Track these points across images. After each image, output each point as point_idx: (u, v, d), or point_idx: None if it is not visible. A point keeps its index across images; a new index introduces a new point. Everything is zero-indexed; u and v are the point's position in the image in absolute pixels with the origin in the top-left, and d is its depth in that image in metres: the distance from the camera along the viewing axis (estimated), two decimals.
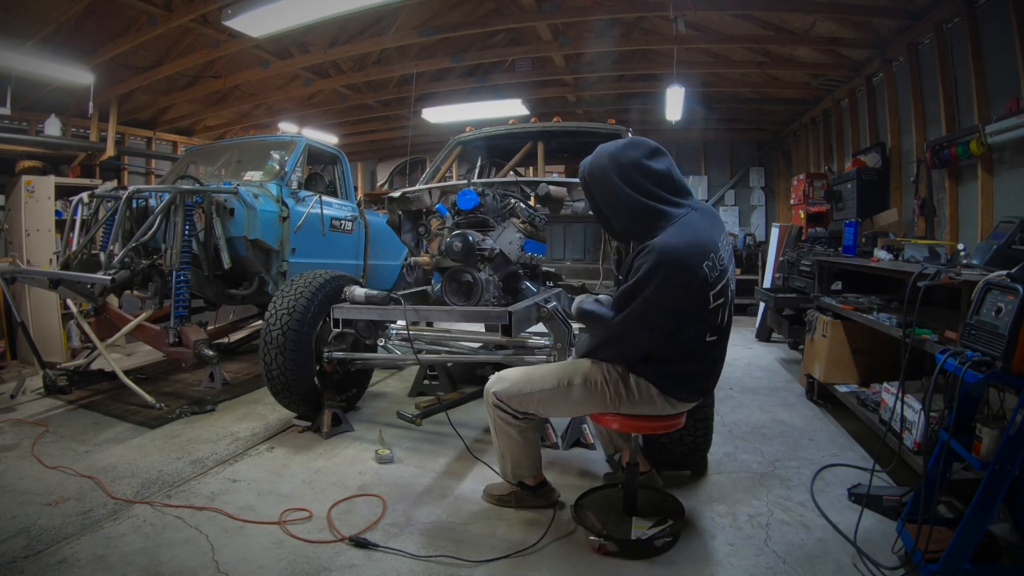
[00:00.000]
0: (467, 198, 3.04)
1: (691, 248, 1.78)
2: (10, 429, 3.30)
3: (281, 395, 3.22)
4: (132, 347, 5.42)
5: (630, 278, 1.84)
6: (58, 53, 4.71)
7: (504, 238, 3.11)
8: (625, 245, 2.64)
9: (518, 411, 2.14)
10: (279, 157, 4.56)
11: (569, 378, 2.05)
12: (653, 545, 2.06)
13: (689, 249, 1.78)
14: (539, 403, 2.11)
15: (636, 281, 1.80)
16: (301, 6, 3.86)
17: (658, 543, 2.07)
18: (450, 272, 3.02)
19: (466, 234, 2.89)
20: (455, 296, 2.85)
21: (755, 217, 9.00)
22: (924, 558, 1.77)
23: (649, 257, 1.77)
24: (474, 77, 6.97)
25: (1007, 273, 1.84)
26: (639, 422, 2.05)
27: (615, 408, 2.02)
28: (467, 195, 3.04)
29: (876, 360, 3.48)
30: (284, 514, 2.31)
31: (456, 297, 2.83)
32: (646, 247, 1.81)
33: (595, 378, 2.01)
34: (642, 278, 1.78)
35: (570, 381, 2.05)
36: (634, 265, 1.84)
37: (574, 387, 2.04)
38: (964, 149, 3.71)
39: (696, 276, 1.78)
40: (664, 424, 2.07)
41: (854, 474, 2.68)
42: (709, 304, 1.83)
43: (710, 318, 1.87)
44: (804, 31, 5.22)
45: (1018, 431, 1.61)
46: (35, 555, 2.00)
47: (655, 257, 1.75)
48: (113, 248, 3.69)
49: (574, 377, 2.05)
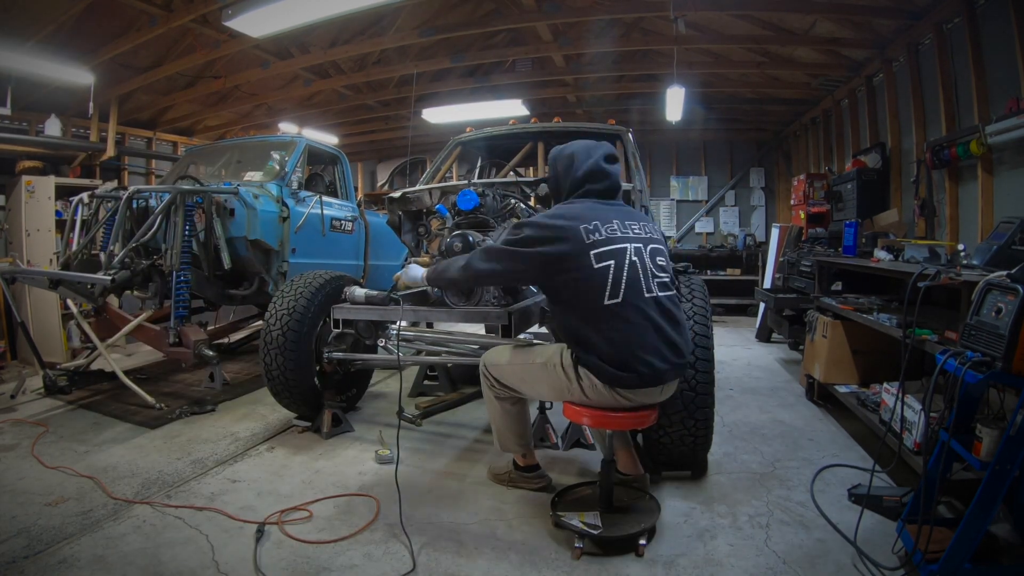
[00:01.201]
0: (467, 198, 3.04)
1: (566, 215, 2.07)
2: (10, 429, 3.31)
3: (281, 395, 3.22)
4: (132, 347, 5.42)
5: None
6: (58, 53, 4.71)
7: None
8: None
9: (498, 381, 2.35)
10: (279, 157, 4.56)
11: (536, 357, 2.24)
12: (635, 543, 2.07)
13: (563, 215, 2.07)
14: (511, 376, 2.31)
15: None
16: (301, 6, 3.86)
17: (640, 540, 2.07)
18: None
19: (466, 234, 2.89)
20: (455, 297, 2.85)
21: (755, 217, 9.00)
22: (924, 558, 1.77)
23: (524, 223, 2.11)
24: (474, 77, 6.97)
25: (1007, 273, 1.84)
26: (607, 417, 2.08)
27: (570, 397, 2.14)
28: (467, 195, 3.04)
29: (876, 360, 3.48)
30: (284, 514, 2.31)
31: (456, 298, 2.83)
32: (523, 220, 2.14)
33: (554, 360, 2.15)
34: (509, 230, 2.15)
35: (535, 360, 2.23)
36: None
37: (535, 365, 2.21)
38: (964, 149, 3.70)
39: (563, 230, 2.01)
40: (632, 419, 2.10)
41: (854, 474, 2.68)
42: (590, 260, 1.99)
43: (596, 277, 1.99)
44: (804, 31, 5.22)
45: (1018, 431, 1.61)
46: (35, 555, 2.00)
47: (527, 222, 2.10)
48: (113, 248, 3.69)
49: (539, 356, 2.23)
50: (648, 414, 2.12)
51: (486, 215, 3.08)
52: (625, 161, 3.96)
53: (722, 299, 7.84)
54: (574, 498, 2.36)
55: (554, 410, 3.23)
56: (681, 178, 9.19)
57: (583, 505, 2.28)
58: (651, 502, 2.31)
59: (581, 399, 2.11)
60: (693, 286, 2.72)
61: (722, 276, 8.23)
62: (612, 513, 2.19)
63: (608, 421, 2.10)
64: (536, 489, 2.53)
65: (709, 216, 9.16)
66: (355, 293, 3.01)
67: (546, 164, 2.90)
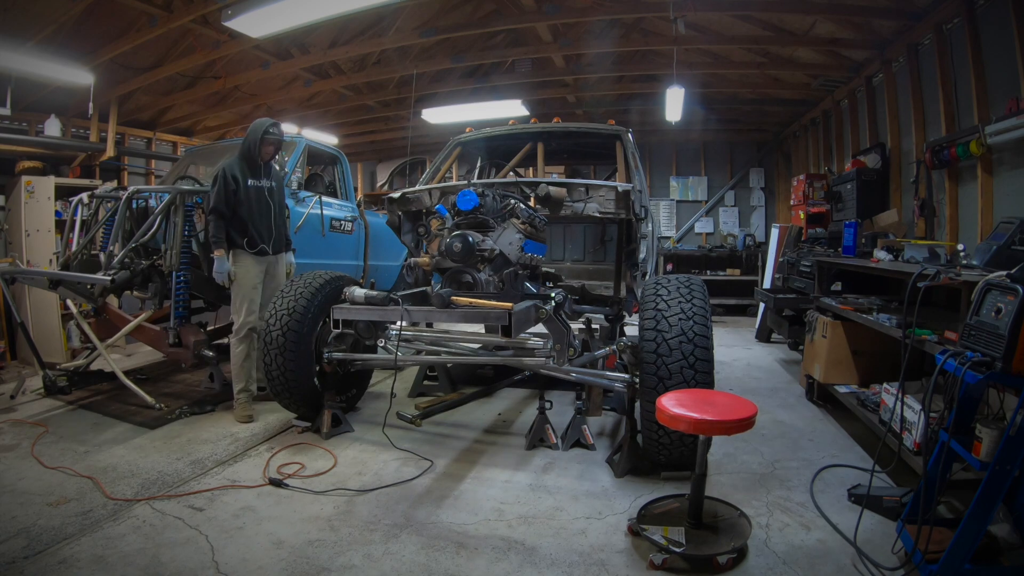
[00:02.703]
0: (467, 199, 3.04)
1: None
2: (10, 429, 3.30)
3: (281, 396, 3.22)
4: (132, 347, 5.42)
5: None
6: (58, 53, 4.71)
7: (504, 239, 3.12)
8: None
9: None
10: (279, 158, 4.55)
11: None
12: (717, 562, 1.95)
13: None
14: None
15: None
16: (301, 6, 3.86)
17: (722, 560, 1.95)
18: (450, 273, 3.02)
19: (466, 235, 2.89)
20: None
21: (755, 218, 9.00)
22: (924, 558, 1.77)
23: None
24: (474, 78, 6.97)
25: (1007, 274, 1.84)
26: (709, 424, 1.93)
27: None
28: (467, 196, 3.04)
29: (876, 361, 3.48)
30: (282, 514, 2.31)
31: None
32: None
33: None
34: None
35: None
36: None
37: None
38: (964, 150, 3.71)
39: None
40: (736, 425, 1.94)
41: (854, 475, 2.68)
42: None
43: None
44: (804, 32, 5.22)
45: (1018, 431, 1.61)
46: (35, 555, 2.00)
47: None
48: (113, 249, 3.69)
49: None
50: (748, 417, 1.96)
51: (486, 215, 3.08)
52: (625, 161, 3.97)
53: (722, 299, 7.85)
54: (661, 511, 2.26)
55: (554, 410, 3.23)
56: (681, 178, 9.19)
57: (669, 519, 2.17)
58: (742, 519, 2.19)
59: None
60: (693, 286, 2.72)
61: (722, 276, 8.23)
62: (700, 530, 2.09)
63: (710, 427, 1.94)
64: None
65: (709, 216, 9.16)
66: (355, 293, 3.01)
67: (546, 164, 2.85)
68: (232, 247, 3.43)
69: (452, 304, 2.70)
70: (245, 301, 3.46)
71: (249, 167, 3.47)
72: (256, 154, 3.44)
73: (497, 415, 3.64)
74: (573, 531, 2.22)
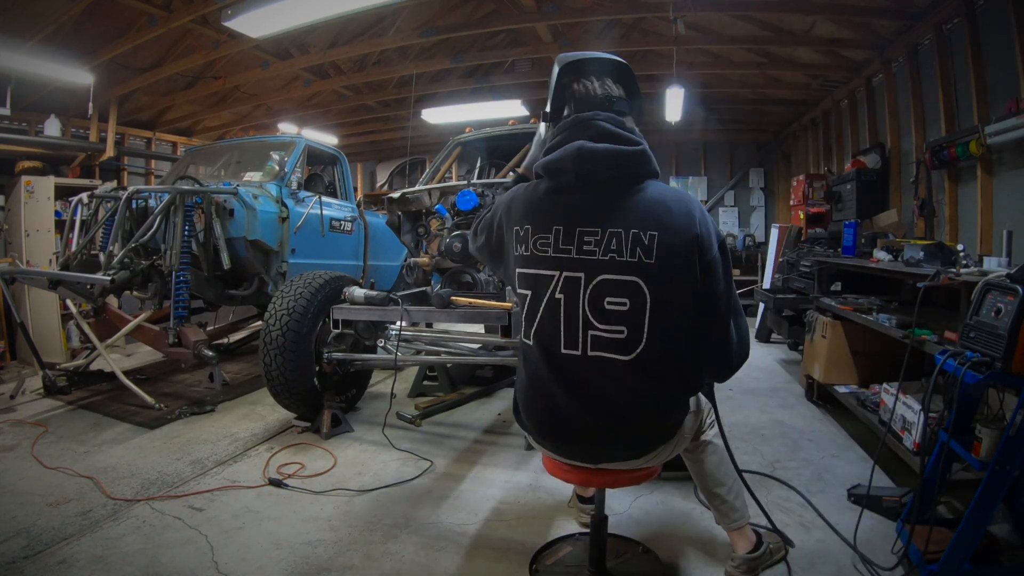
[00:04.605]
0: (467, 199, 3.04)
1: (504, 200, 1.63)
2: (10, 429, 3.30)
3: (281, 396, 3.22)
4: (132, 348, 5.42)
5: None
6: (58, 54, 4.71)
7: None
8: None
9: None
10: (279, 158, 4.56)
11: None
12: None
13: (504, 200, 1.63)
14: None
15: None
16: (301, 7, 3.86)
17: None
18: (450, 273, 3.02)
19: (465, 235, 2.90)
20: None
21: (755, 218, 9.00)
22: (924, 559, 1.77)
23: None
24: (474, 78, 6.97)
25: (1007, 273, 1.84)
26: (564, 471, 1.65)
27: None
28: (467, 196, 3.04)
29: (876, 361, 3.48)
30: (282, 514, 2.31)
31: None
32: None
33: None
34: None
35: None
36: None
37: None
38: (963, 150, 3.70)
39: (490, 226, 1.63)
40: (586, 477, 1.63)
41: (854, 475, 2.67)
42: (515, 278, 1.50)
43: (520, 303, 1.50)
44: (804, 32, 5.22)
45: (1018, 432, 1.61)
46: (35, 555, 2.00)
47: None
48: (113, 249, 3.70)
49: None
50: (608, 476, 1.61)
51: None
52: None
53: None
54: (553, 560, 1.98)
55: None
56: (681, 178, 9.19)
57: (566, 569, 1.93)
58: (649, 555, 1.98)
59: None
60: None
61: None
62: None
63: (569, 475, 1.66)
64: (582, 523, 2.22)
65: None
66: (354, 293, 3.01)
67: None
68: None
69: (452, 304, 2.70)
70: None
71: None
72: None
73: (497, 415, 3.64)
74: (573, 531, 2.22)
